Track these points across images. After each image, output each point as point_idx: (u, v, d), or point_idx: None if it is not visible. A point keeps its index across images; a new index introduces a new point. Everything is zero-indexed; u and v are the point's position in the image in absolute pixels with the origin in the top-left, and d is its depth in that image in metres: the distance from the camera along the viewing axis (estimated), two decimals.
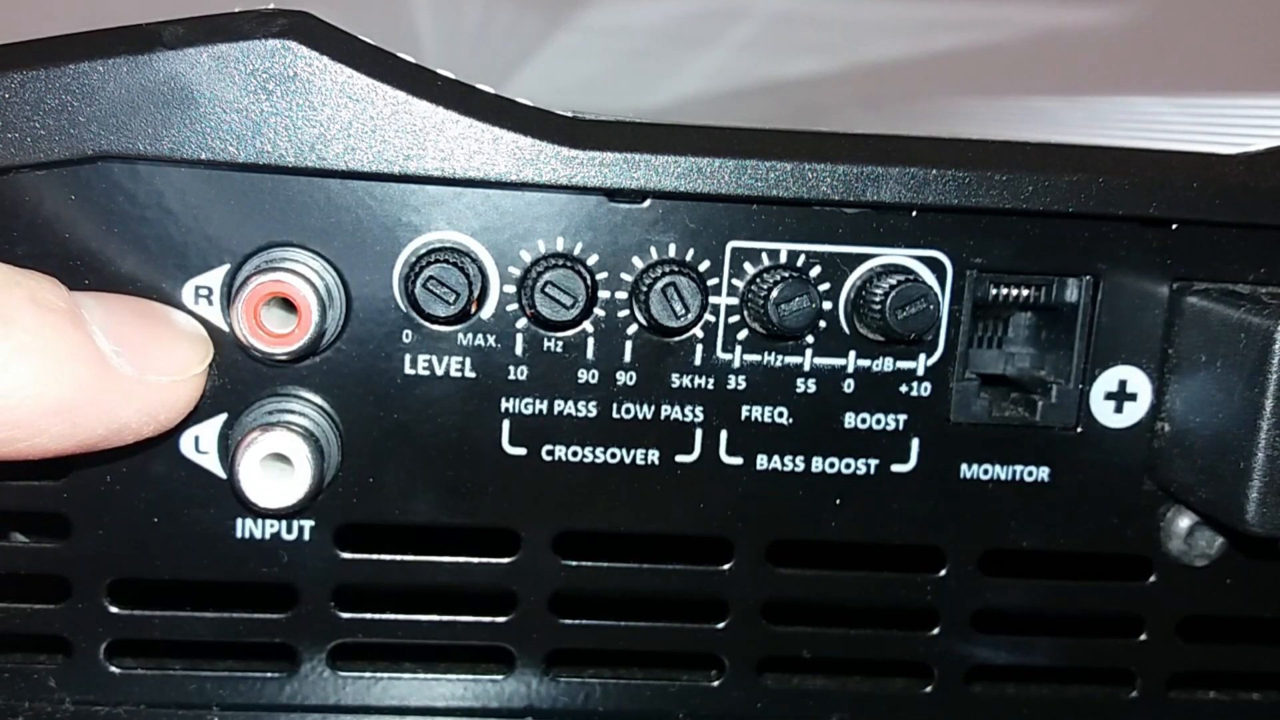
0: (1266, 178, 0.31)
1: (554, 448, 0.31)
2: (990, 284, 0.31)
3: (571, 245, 0.30)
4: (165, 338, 0.28)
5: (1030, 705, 0.35)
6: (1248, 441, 0.29)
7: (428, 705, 0.33)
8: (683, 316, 0.30)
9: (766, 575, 0.32)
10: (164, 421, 0.27)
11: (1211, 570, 0.33)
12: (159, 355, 0.27)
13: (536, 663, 0.33)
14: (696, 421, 0.31)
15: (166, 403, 0.27)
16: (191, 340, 0.28)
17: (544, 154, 0.29)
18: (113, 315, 0.27)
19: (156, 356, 0.27)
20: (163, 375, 0.27)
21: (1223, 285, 0.31)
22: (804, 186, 0.29)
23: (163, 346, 0.28)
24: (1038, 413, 0.32)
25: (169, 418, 0.27)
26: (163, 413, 0.27)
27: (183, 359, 0.28)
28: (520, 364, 0.30)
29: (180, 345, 0.28)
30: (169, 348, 0.28)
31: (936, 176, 0.30)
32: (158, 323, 0.28)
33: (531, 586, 0.32)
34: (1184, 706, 0.35)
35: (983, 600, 0.33)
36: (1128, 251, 0.31)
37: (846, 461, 0.32)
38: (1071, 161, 0.30)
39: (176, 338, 0.28)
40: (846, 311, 0.31)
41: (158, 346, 0.27)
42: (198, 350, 0.28)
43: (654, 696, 0.34)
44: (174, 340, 0.28)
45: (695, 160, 0.29)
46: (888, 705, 0.34)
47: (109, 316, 0.27)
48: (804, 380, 0.31)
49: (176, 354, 0.28)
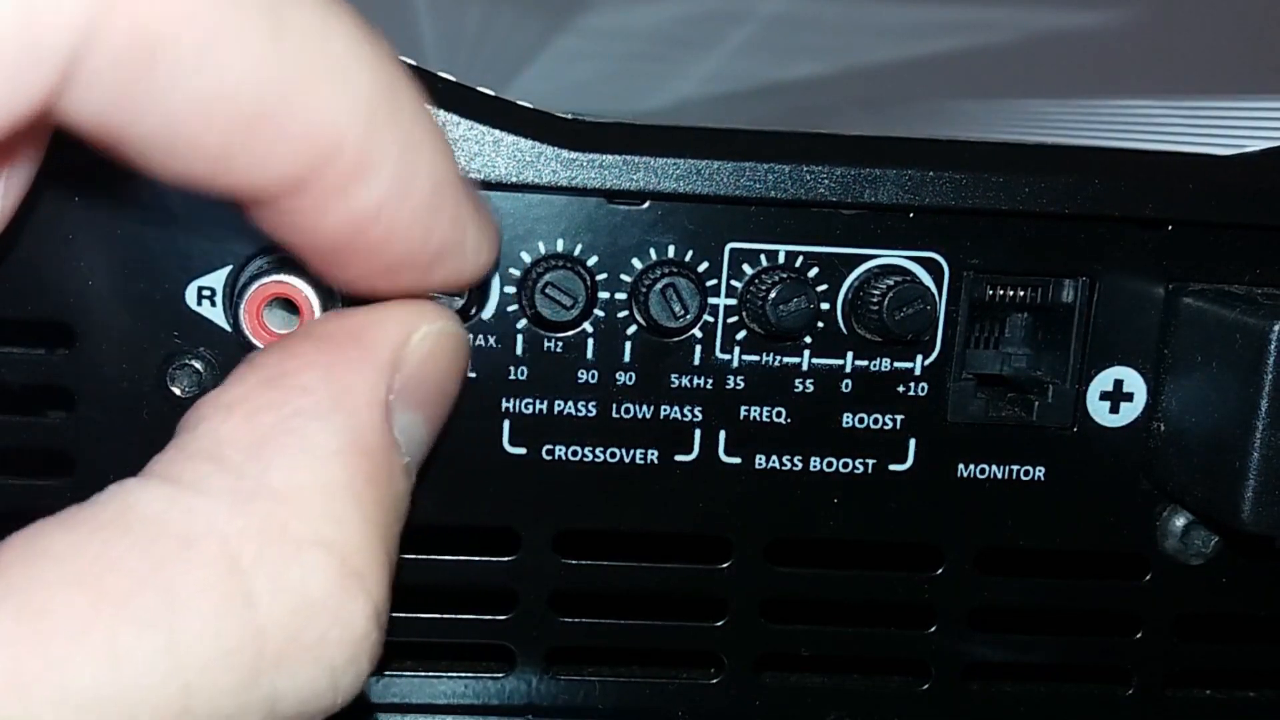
0: (1261, 179, 0.31)
1: (554, 447, 0.31)
2: (987, 285, 0.31)
3: (571, 246, 0.30)
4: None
5: (1027, 703, 0.35)
6: (1243, 441, 0.29)
7: (429, 703, 0.33)
8: (682, 317, 0.30)
9: (765, 574, 0.33)
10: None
11: (1207, 569, 0.33)
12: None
13: (536, 661, 0.33)
14: (695, 421, 0.31)
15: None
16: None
17: (544, 156, 0.29)
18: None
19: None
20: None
21: (1218, 286, 0.31)
22: (802, 188, 0.30)
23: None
24: (1034, 413, 0.32)
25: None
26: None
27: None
28: (520, 364, 0.30)
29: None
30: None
31: (933, 178, 0.30)
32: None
33: (531, 585, 0.32)
34: (1180, 704, 0.35)
35: (980, 599, 0.33)
36: (1123, 252, 0.31)
37: (844, 461, 0.32)
38: (1067, 163, 0.30)
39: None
40: (844, 312, 0.31)
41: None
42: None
43: (653, 694, 0.34)
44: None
45: (694, 162, 0.29)
46: (885, 703, 0.34)
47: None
48: (802, 380, 0.31)
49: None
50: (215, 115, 0.19)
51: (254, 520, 0.20)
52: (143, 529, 0.19)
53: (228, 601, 0.19)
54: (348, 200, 0.20)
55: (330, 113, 0.19)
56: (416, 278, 0.23)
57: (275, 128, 0.19)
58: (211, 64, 0.18)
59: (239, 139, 0.19)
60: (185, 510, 0.19)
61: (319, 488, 0.20)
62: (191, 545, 0.19)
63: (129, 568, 0.19)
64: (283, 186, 0.20)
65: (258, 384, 0.22)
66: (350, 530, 0.21)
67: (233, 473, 0.20)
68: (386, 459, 0.22)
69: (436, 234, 0.22)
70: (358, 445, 0.21)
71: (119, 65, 0.18)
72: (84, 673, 0.18)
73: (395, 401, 0.22)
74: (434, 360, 0.24)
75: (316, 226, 0.20)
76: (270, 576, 0.19)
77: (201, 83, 0.18)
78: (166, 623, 0.18)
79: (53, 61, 0.17)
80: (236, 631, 0.19)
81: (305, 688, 0.20)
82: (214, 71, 0.18)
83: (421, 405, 0.23)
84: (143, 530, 0.19)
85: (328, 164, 0.20)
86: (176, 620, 0.18)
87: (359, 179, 0.20)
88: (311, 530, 0.20)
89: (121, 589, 0.18)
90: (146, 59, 0.18)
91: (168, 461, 0.20)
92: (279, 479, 0.20)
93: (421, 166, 0.21)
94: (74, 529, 0.19)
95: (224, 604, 0.19)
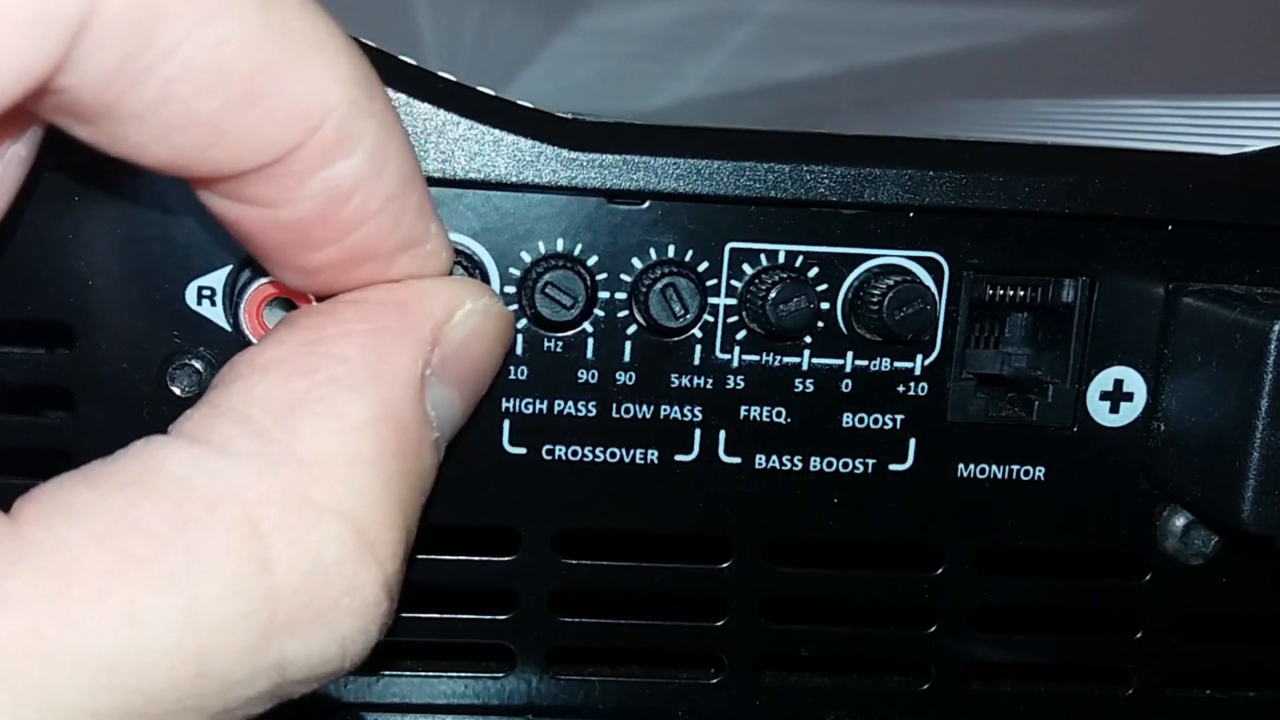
0: (1261, 179, 0.31)
1: (554, 447, 0.31)
2: (987, 285, 0.31)
3: (571, 246, 0.30)
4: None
5: (1027, 703, 0.35)
6: (1243, 440, 0.29)
7: (429, 702, 0.33)
8: (682, 317, 0.30)
9: (765, 574, 0.33)
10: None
11: (1207, 569, 0.33)
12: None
13: (536, 660, 0.33)
14: (695, 421, 0.31)
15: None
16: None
17: (544, 155, 0.29)
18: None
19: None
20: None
21: (1218, 286, 0.31)
22: (802, 188, 0.30)
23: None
24: (1034, 412, 0.32)
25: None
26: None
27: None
28: (520, 364, 0.30)
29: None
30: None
31: (933, 178, 0.30)
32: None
33: (531, 585, 0.32)
34: (1179, 704, 0.35)
35: (980, 598, 0.33)
36: (1124, 252, 0.31)
37: (844, 461, 0.32)
38: (1067, 163, 0.30)
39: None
40: (844, 312, 0.31)
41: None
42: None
43: (653, 694, 0.34)
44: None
45: (694, 162, 0.29)
46: (885, 703, 0.34)
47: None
48: (802, 380, 0.31)
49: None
50: (212, 85, 0.19)
51: (276, 485, 0.20)
52: (167, 490, 0.19)
53: (245, 565, 0.19)
54: (328, 171, 0.20)
55: (318, 85, 0.20)
56: (378, 268, 0.23)
57: (266, 98, 0.19)
58: (210, 33, 0.18)
59: (232, 109, 0.19)
60: (210, 473, 0.20)
61: (343, 458, 0.21)
62: (214, 508, 0.19)
63: (151, 528, 0.19)
64: (269, 157, 0.20)
65: (296, 347, 0.22)
66: (369, 501, 0.21)
67: (260, 436, 0.20)
68: (417, 433, 0.22)
69: (403, 224, 0.22)
70: (388, 417, 0.21)
71: (121, 34, 0.18)
72: (102, 634, 0.18)
73: (432, 376, 0.23)
74: (476, 337, 0.24)
75: (292, 199, 0.21)
76: (287, 542, 0.20)
77: (199, 52, 0.18)
78: (186, 585, 0.19)
79: (61, 29, 0.17)
80: (252, 595, 0.19)
81: (315, 653, 0.20)
82: (212, 40, 0.18)
83: (458, 381, 0.24)
84: (167, 491, 0.19)
85: (312, 135, 0.20)
86: (195, 583, 0.19)
87: (339, 152, 0.20)
88: (332, 499, 0.20)
89: (143, 551, 0.19)
90: (149, 27, 0.18)
91: (198, 419, 0.21)
92: (305, 446, 0.20)
93: (394, 152, 0.21)
94: (97, 484, 0.19)
95: (242, 568, 0.19)
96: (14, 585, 0.18)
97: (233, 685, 0.19)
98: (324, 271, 0.22)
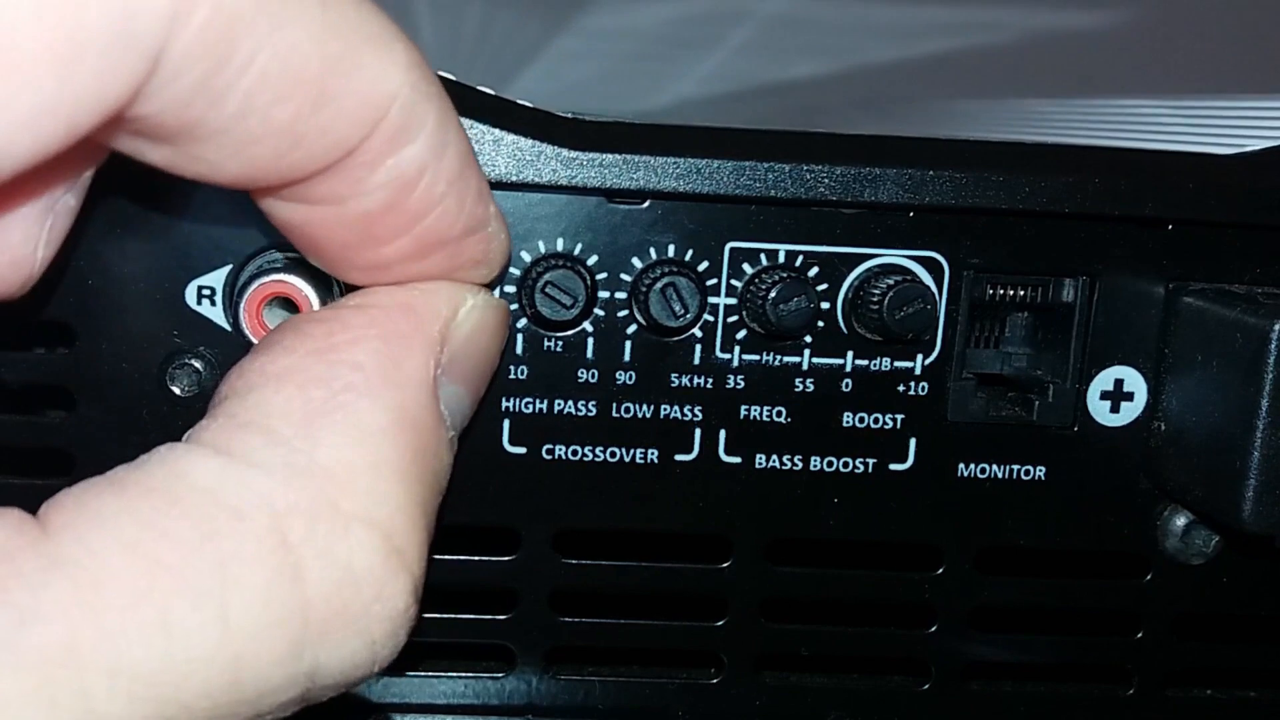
0: (1262, 178, 0.31)
1: (554, 447, 0.31)
2: (987, 284, 0.31)
3: (571, 245, 0.30)
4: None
5: (1027, 703, 0.35)
6: (1243, 440, 0.29)
7: (429, 702, 0.33)
8: (682, 316, 0.30)
9: (765, 573, 0.33)
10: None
11: (1208, 569, 0.33)
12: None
13: (536, 660, 0.33)
14: (695, 421, 0.31)
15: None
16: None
17: (544, 155, 0.29)
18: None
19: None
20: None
21: (1218, 285, 0.31)
22: (802, 187, 0.30)
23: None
24: (1034, 412, 0.32)
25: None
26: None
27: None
28: (520, 364, 0.30)
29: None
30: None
31: (933, 177, 0.30)
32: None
33: (531, 584, 0.32)
34: (1180, 704, 0.35)
35: (980, 598, 0.33)
36: (1124, 252, 0.31)
37: (844, 460, 0.32)
38: (1068, 162, 0.30)
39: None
40: (844, 311, 0.31)
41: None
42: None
43: (653, 694, 0.34)
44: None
45: (694, 161, 0.29)
46: (885, 703, 0.34)
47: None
48: (802, 380, 0.31)
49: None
50: (289, 91, 0.19)
51: (304, 496, 0.20)
52: (194, 499, 0.19)
53: (278, 575, 0.19)
54: (395, 159, 0.21)
55: (381, 75, 0.20)
56: (447, 255, 0.23)
57: (337, 95, 0.19)
58: (282, 40, 0.18)
59: (306, 112, 0.19)
60: (237, 483, 0.20)
61: (367, 466, 0.21)
62: (243, 518, 0.19)
63: (180, 537, 0.19)
64: (341, 152, 0.20)
65: (307, 355, 0.22)
66: (395, 508, 0.21)
67: (283, 446, 0.20)
68: (434, 434, 0.22)
69: (466, 206, 0.22)
70: (406, 422, 0.22)
71: (201, 51, 0.18)
72: (137, 644, 0.18)
73: (442, 375, 0.23)
74: (480, 333, 0.24)
75: (361, 191, 0.21)
76: (318, 552, 0.20)
77: (274, 60, 0.18)
78: (218, 595, 0.19)
79: (145, 48, 0.17)
80: (284, 604, 0.19)
81: (347, 659, 0.20)
82: (285, 47, 0.18)
83: (466, 378, 0.24)
84: (194, 500, 0.19)
85: (378, 126, 0.20)
86: (228, 592, 0.19)
87: (405, 139, 0.20)
88: (359, 508, 0.20)
89: (174, 559, 0.19)
90: (229, 40, 0.18)
91: (217, 430, 0.21)
92: (328, 456, 0.20)
93: (453, 134, 0.21)
94: (123, 491, 0.19)
95: (274, 577, 0.19)
96: (48, 595, 0.18)
97: (266, 694, 0.19)
98: (394, 266, 0.23)
